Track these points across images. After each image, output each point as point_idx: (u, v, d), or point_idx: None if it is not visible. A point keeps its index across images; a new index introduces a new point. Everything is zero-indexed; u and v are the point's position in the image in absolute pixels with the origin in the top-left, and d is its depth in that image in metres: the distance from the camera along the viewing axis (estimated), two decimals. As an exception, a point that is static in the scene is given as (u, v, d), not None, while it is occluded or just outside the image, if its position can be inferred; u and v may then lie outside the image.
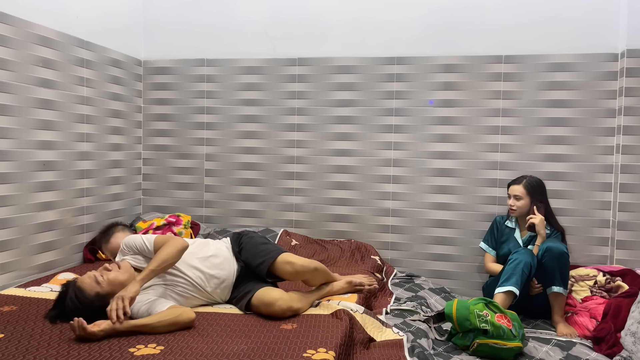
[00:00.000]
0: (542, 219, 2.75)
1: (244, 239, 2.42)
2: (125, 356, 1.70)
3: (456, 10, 3.25)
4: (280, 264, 2.26)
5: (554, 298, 2.60)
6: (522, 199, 2.83)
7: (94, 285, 1.97)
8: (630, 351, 2.16)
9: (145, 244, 2.16)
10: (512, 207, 2.86)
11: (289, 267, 2.26)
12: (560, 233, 2.84)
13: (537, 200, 2.83)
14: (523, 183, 2.85)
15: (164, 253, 2.07)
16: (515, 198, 2.85)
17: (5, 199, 2.56)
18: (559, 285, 2.58)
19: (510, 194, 2.88)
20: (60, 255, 2.93)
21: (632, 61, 2.97)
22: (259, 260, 2.29)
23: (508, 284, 2.53)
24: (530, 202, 2.83)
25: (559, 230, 2.85)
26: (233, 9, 3.53)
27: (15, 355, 1.69)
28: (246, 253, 2.35)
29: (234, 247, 2.38)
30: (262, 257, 2.30)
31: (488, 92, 3.24)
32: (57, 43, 2.87)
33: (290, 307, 2.12)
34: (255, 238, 2.42)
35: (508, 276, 2.55)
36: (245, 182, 3.57)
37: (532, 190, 2.84)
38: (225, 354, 1.71)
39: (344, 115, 3.42)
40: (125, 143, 3.51)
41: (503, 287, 2.53)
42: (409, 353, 1.99)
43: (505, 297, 2.51)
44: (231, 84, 3.56)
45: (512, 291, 2.52)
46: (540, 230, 2.73)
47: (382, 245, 3.39)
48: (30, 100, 2.70)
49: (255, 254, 2.32)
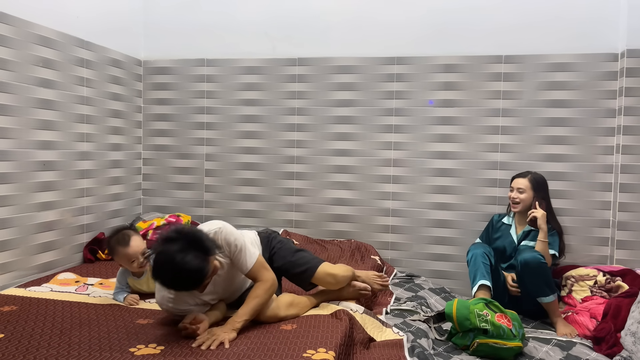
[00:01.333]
0: (544, 213, 2.75)
1: (275, 244, 2.38)
2: (125, 356, 1.70)
3: (456, 10, 3.25)
4: (322, 275, 2.27)
5: (546, 306, 2.61)
6: (525, 192, 2.83)
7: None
8: (630, 351, 2.16)
9: (246, 259, 2.02)
10: (515, 200, 2.85)
11: (330, 279, 2.29)
12: (557, 232, 2.83)
13: (539, 196, 2.83)
14: (528, 177, 2.86)
15: (262, 302, 1.98)
16: (518, 191, 2.85)
17: (5, 199, 2.56)
18: (547, 294, 2.57)
19: (514, 186, 2.88)
20: (60, 255, 2.94)
21: (632, 61, 2.97)
22: (299, 270, 2.29)
23: (476, 281, 2.63)
24: (533, 196, 2.83)
25: (556, 229, 2.84)
26: (233, 9, 3.53)
27: (15, 355, 1.69)
28: (281, 259, 2.32)
29: (264, 253, 2.32)
30: (301, 265, 2.29)
31: (488, 92, 3.24)
32: (57, 43, 2.87)
33: (277, 314, 2.09)
34: (286, 243, 2.40)
35: (473, 275, 2.67)
36: (245, 182, 3.57)
37: (536, 185, 2.84)
38: (225, 354, 1.71)
39: (344, 115, 3.42)
40: (125, 143, 3.51)
41: (475, 286, 2.62)
42: (409, 353, 1.99)
43: (482, 292, 2.59)
44: (231, 84, 3.56)
45: (483, 284, 2.60)
46: (542, 224, 2.72)
47: (382, 245, 3.39)
48: (30, 100, 2.70)
49: (293, 263, 2.30)
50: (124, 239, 2.25)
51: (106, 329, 1.95)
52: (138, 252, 2.26)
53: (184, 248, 1.75)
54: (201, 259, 1.77)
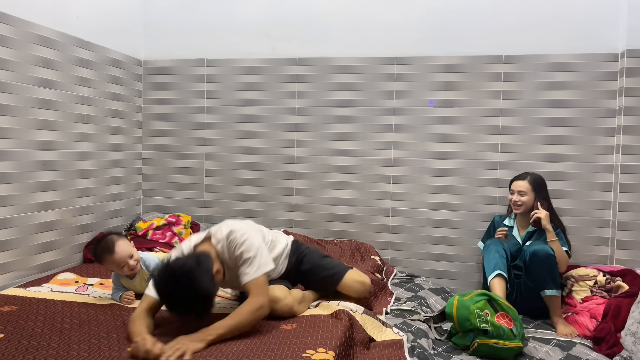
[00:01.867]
0: (548, 214, 2.76)
1: (304, 249, 2.42)
2: (124, 356, 1.70)
3: (456, 11, 3.25)
4: (350, 281, 2.33)
5: (549, 301, 2.61)
6: (527, 195, 2.83)
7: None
8: (630, 351, 2.16)
9: (254, 269, 1.97)
10: (516, 203, 2.85)
11: (359, 285, 2.33)
12: (562, 230, 2.84)
13: (540, 197, 2.83)
14: (528, 179, 2.86)
15: (242, 322, 1.87)
16: (519, 194, 2.85)
17: (5, 199, 2.56)
18: (552, 287, 2.59)
19: (514, 189, 2.88)
20: (60, 255, 2.94)
21: (632, 61, 2.97)
22: (327, 273, 2.34)
23: (492, 271, 2.62)
24: (535, 197, 2.83)
25: (560, 227, 2.85)
26: (233, 9, 3.53)
27: (15, 355, 1.69)
28: (309, 263, 2.36)
29: (292, 257, 2.36)
30: (329, 270, 2.35)
31: (488, 92, 3.24)
32: (57, 43, 2.87)
33: (292, 308, 2.13)
34: (314, 248, 2.48)
35: (490, 266, 2.66)
36: (245, 182, 3.57)
37: (537, 186, 2.85)
38: (225, 354, 1.71)
39: (344, 115, 3.42)
40: (125, 143, 3.51)
41: (490, 276, 2.63)
42: (409, 353, 1.98)
43: (498, 281, 2.60)
44: (231, 84, 3.56)
45: (499, 274, 2.61)
46: (547, 224, 2.73)
47: (382, 245, 3.39)
48: (30, 100, 2.70)
49: (321, 266, 2.36)
50: (107, 247, 2.22)
51: (106, 329, 1.95)
52: (125, 256, 2.23)
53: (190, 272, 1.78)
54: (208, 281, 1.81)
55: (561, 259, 2.70)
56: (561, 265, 2.70)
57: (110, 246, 2.22)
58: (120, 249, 2.22)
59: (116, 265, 2.24)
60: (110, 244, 2.22)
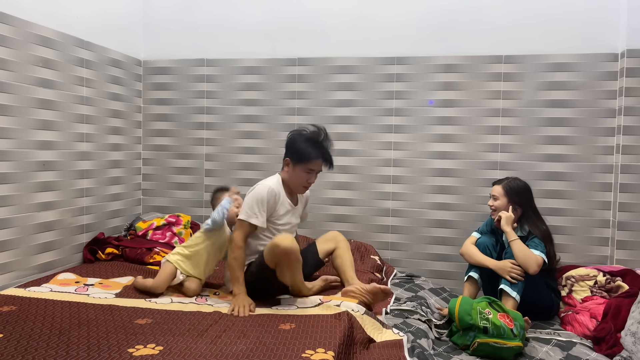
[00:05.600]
0: (510, 216, 2.72)
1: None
2: (124, 356, 1.70)
3: (456, 11, 3.25)
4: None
5: (500, 293, 2.62)
6: (499, 200, 2.80)
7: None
8: (630, 351, 2.16)
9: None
10: (490, 207, 2.85)
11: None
12: (541, 237, 2.71)
13: (514, 202, 2.78)
14: (503, 184, 2.82)
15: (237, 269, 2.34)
16: (493, 198, 2.84)
17: (5, 199, 2.57)
18: (507, 284, 2.61)
19: (491, 193, 2.87)
20: (60, 255, 2.94)
21: (632, 61, 2.97)
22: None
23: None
24: (507, 203, 2.80)
25: (538, 235, 2.71)
26: (233, 9, 3.53)
27: (14, 356, 1.69)
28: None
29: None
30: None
31: (488, 92, 3.23)
32: (57, 43, 2.87)
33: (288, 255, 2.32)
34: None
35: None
36: (245, 182, 3.56)
37: (510, 191, 2.78)
38: (224, 355, 1.71)
39: (344, 115, 3.42)
40: (125, 143, 3.51)
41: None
42: (409, 353, 1.98)
43: (468, 284, 2.78)
44: (231, 84, 3.56)
45: (470, 276, 2.79)
46: (505, 226, 2.70)
47: (382, 245, 3.39)
48: (30, 100, 2.70)
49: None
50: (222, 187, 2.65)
51: (105, 329, 1.95)
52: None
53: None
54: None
55: (525, 260, 2.60)
56: (526, 266, 2.60)
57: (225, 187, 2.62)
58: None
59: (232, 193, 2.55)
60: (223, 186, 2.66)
